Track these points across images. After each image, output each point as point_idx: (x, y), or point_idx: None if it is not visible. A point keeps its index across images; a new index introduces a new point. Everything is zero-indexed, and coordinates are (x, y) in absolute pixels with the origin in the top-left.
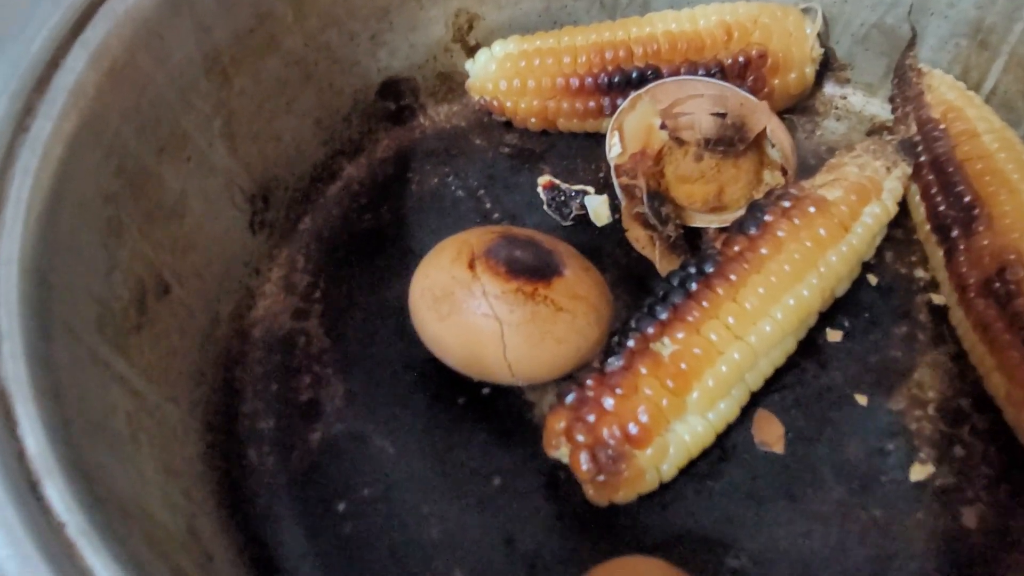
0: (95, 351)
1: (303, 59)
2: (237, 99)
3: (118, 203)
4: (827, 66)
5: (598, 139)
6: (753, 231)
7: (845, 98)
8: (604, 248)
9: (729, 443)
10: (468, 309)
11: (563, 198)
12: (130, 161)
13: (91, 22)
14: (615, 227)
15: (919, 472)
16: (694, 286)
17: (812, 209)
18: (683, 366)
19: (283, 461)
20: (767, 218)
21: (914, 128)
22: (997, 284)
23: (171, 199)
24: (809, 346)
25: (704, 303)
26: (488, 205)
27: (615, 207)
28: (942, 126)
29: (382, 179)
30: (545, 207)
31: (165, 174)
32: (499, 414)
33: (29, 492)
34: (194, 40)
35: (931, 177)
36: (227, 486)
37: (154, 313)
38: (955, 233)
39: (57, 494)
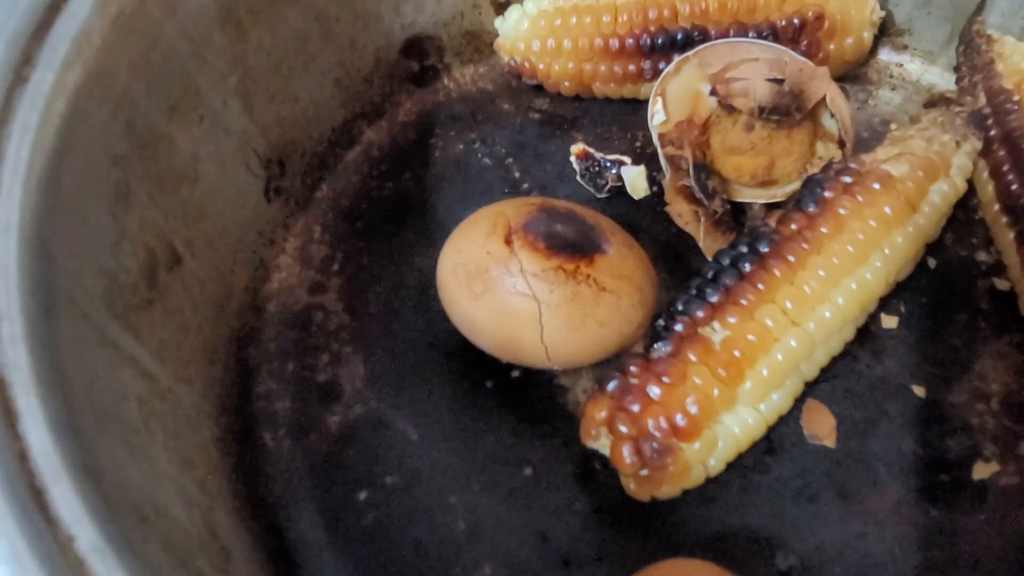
0: (103, 330)
1: (324, 12)
2: (253, 54)
3: (126, 166)
4: (884, 31)
5: (634, 106)
6: (812, 208)
7: (902, 66)
8: (641, 223)
9: (777, 435)
10: (504, 288)
11: (597, 168)
12: (139, 120)
13: None
14: (653, 200)
15: (982, 470)
16: (748, 267)
17: (876, 185)
18: (736, 354)
19: (300, 446)
20: (827, 194)
21: (983, 99)
22: None
23: (182, 162)
24: (862, 333)
25: (759, 285)
26: (517, 175)
27: (653, 179)
28: (1016, 97)
29: (404, 144)
30: (578, 178)
31: (176, 135)
32: (530, 399)
33: (33, 501)
34: None
35: (1002, 153)
36: (242, 473)
37: (165, 287)
38: None
39: (65, 502)
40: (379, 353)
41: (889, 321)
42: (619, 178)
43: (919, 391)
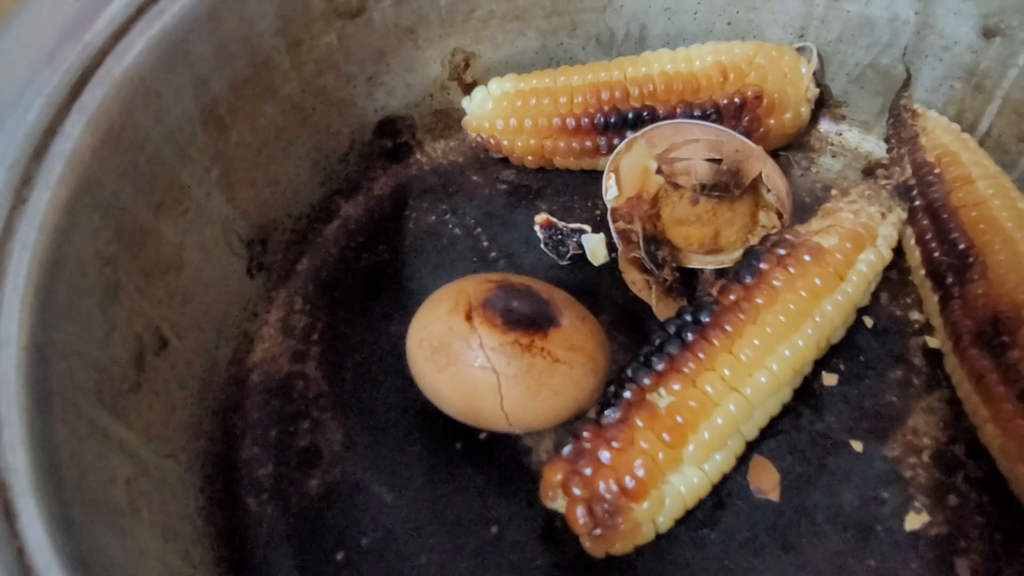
0: (94, 421)
1: (300, 104)
2: (234, 148)
3: (116, 264)
4: (823, 103)
5: (595, 176)
6: (749, 280)
7: (840, 135)
8: (600, 287)
9: (725, 490)
10: (465, 361)
11: (560, 237)
12: (128, 220)
13: (88, 86)
14: (612, 266)
15: (914, 521)
16: (690, 336)
17: (807, 257)
18: (679, 419)
19: (282, 509)
20: (763, 266)
21: (909, 171)
22: (991, 335)
23: (169, 253)
24: (804, 390)
25: (700, 354)
26: (485, 243)
27: (612, 246)
28: (937, 170)
29: (379, 217)
30: (542, 246)
31: (163, 229)
32: (496, 459)
33: None
34: (191, 94)
35: (926, 222)
36: (225, 540)
37: (152, 369)
38: (950, 280)
39: None
40: (356, 418)
41: (829, 379)
42: (580, 246)
43: (857, 445)
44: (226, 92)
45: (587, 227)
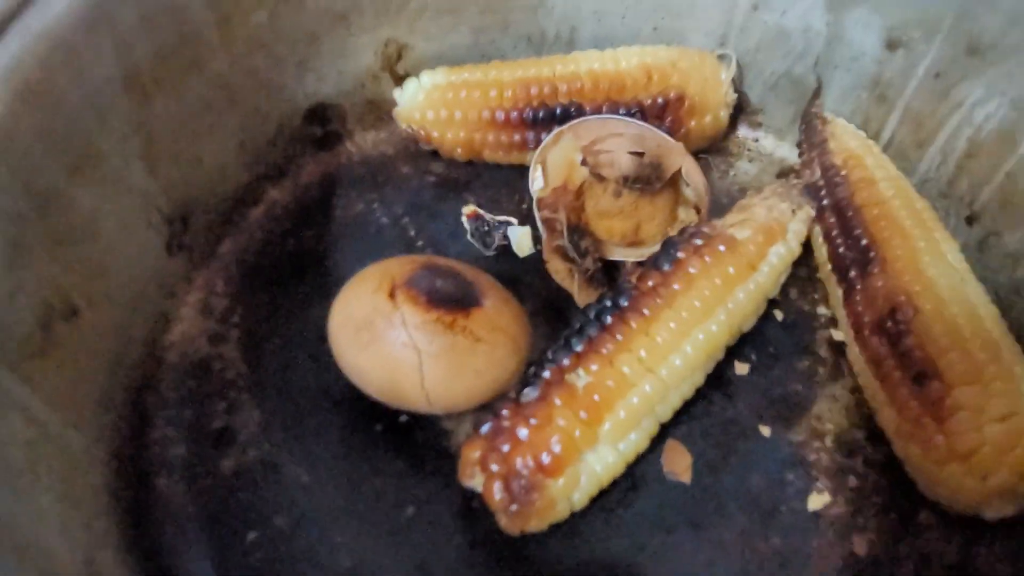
0: None
1: (228, 82)
2: (157, 119)
3: (23, 224)
4: (741, 110)
5: (522, 171)
6: (667, 267)
7: (757, 141)
8: (525, 278)
9: (639, 472)
10: (388, 339)
11: (487, 228)
12: (39, 181)
13: (2, 38)
14: (537, 258)
15: (816, 502)
16: (609, 319)
17: (722, 248)
18: (596, 397)
19: (193, 489)
20: (680, 255)
21: (818, 173)
22: (889, 323)
23: (82, 220)
24: (717, 378)
25: (618, 336)
26: (412, 233)
27: (537, 238)
28: (843, 172)
29: (306, 204)
30: (469, 236)
31: (77, 195)
32: (416, 442)
33: None
34: (114, 58)
35: (832, 220)
36: (133, 517)
37: (60, 336)
38: (852, 274)
39: None
40: (274, 400)
41: (741, 368)
42: (506, 237)
43: (765, 430)
44: (151, 60)
45: (513, 220)
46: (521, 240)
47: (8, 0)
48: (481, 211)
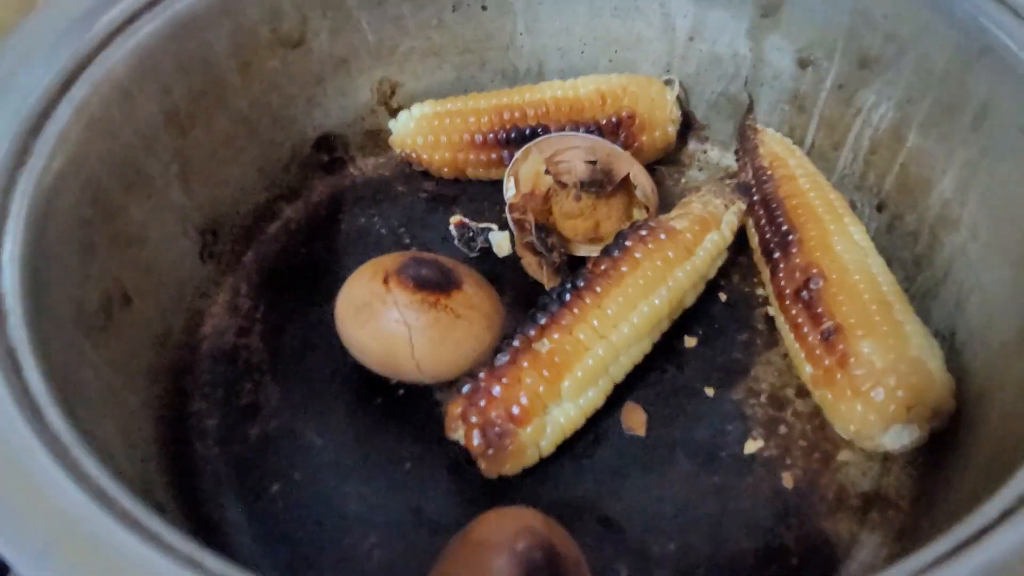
0: (73, 337)
1: (248, 117)
2: (191, 148)
3: (92, 228)
4: (689, 127)
5: (501, 185)
6: (616, 254)
7: (705, 152)
8: (504, 276)
9: (602, 429)
10: (383, 316)
11: (471, 234)
12: (103, 195)
13: (75, 83)
14: (514, 258)
15: (751, 446)
16: (568, 297)
17: (663, 236)
18: (556, 359)
19: (225, 451)
20: (628, 243)
21: (751, 173)
22: (804, 292)
23: (134, 228)
24: (670, 351)
25: (575, 310)
26: (407, 241)
27: (514, 241)
28: (769, 172)
29: (316, 220)
30: (456, 242)
31: (130, 207)
32: (412, 412)
33: (34, 418)
34: (157, 99)
35: (761, 212)
36: (175, 472)
37: (118, 318)
38: (777, 255)
39: (53, 421)
40: (292, 380)
41: (690, 341)
42: (487, 241)
43: (710, 391)
44: (185, 101)
45: (494, 226)
46: (500, 243)
47: (77, 53)
48: (466, 220)
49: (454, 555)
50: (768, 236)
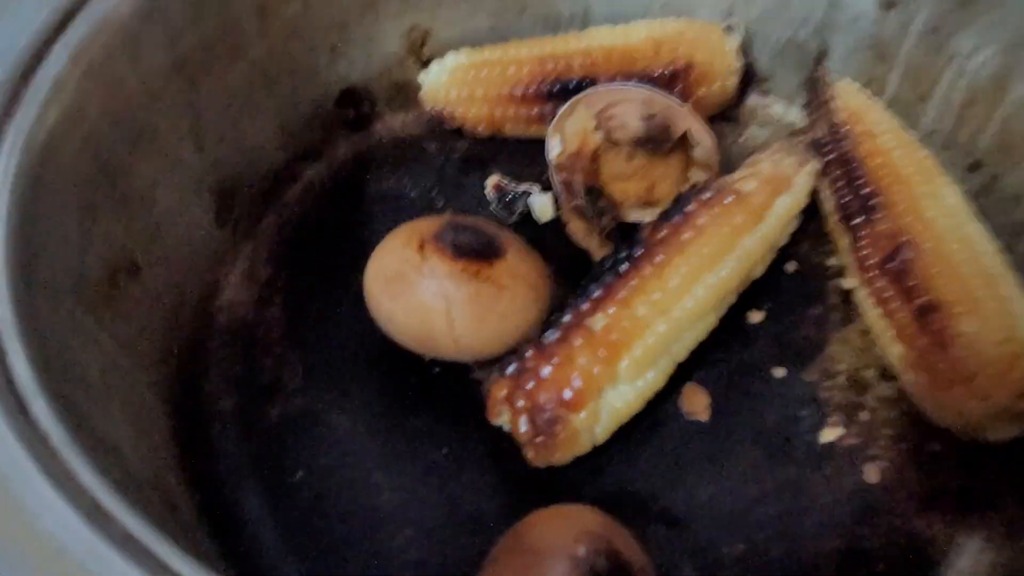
0: (72, 312)
1: (266, 68)
2: (204, 102)
3: (94, 188)
4: (750, 79)
5: (542, 144)
6: (677, 219)
7: (767, 107)
8: (547, 243)
9: (660, 412)
10: (418, 288)
11: (509, 197)
12: (105, 151)
13: (71, 24)
14: (557, 224)
15: (828, 435)
16: (624, 267)
17: (730, 199)
18: (613, 337)
19: (245, 434)
20: (690, 208)
21: (825, 130)
22: (893, 263)
23: (142, 189)
24: (734, 326)
25: (632, 282)
26: (439, 205)
27: (557, 205)
28: (846, 128)
29: (340, 181)
30: (493, 206)
31: (137, 166)
32: (448, 392)
33: (18, 411)
34: (165, 46)
35: (838, 173)
36: (191, 457)
37: (125, 290)
38: (858, 220)
39: (42, 411)
40: (316, 356)
41: (756, 316)
42: (528, 206)
43: (779, 372)
44: (197, 48)
45: (535, 187)
46: (542, 207)
47: None
48: (504, 181)
49: (506, 561)
50: (847, 200)
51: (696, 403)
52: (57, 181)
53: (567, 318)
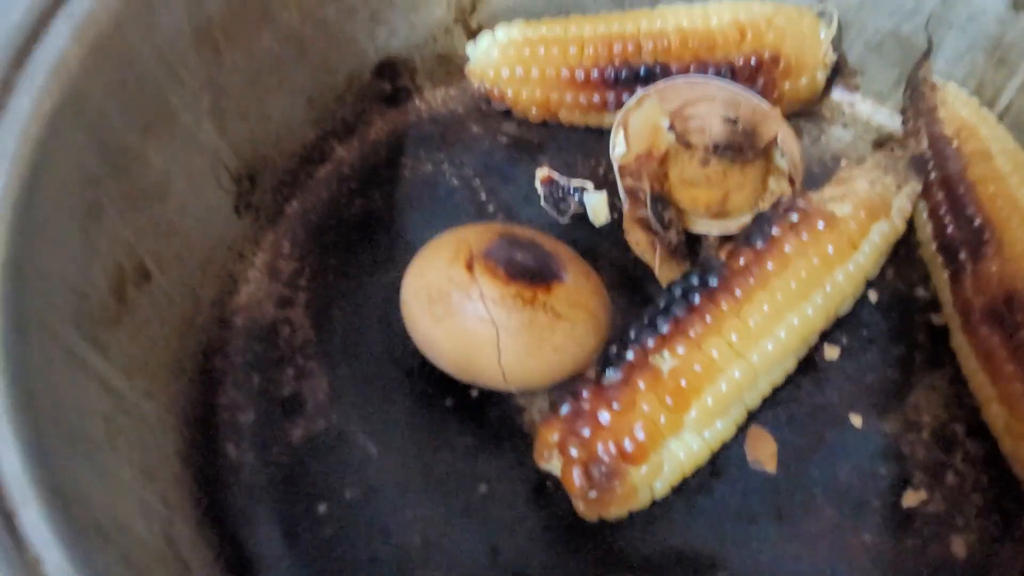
0: (71, 348)
1: (298, 34)
2: (228, 75)
3: (99, 185)
4: (837, 72)
5: (599, 134)
6: (760, 244)
7: (853, 106)
8: (601, 248)
9: (722, 459)
10: (464, 312)
11: (561, 194)
12: (113, 140)
13: None
14: (613, 227)
15: (911, 498)
16: (697, 299)
17: (821, 225)
18: (683, 383)
19: (262, 457)
20: (775, 232)
21: (925, 143)
22: (1004, 313)
23: (154, 179)
24: (805, 362)
25: (707, 318)
26: (483, 197)
27: (614, 206)
28: (954, 144)
29: (374, 163)
30: (542, 202)
31: (149, 153)
32: (487, 418)
33: (4, 525)
34: (184, 11)
35: (940, 196)
36: (204, 484)
37: (133, 302)
38: (963, 256)
39: (32, 526)
40: (343, 368)
41: (831, 352)
42: (581, 204)
43: (856, 420)
44: (221, 13)
45: (589, 185)
46: (597, 208)
47: None
48: (556, 176)
49: None
50: (950, 230)
51: (762, 450)
52: (57, 183)
53: (630, 355)
